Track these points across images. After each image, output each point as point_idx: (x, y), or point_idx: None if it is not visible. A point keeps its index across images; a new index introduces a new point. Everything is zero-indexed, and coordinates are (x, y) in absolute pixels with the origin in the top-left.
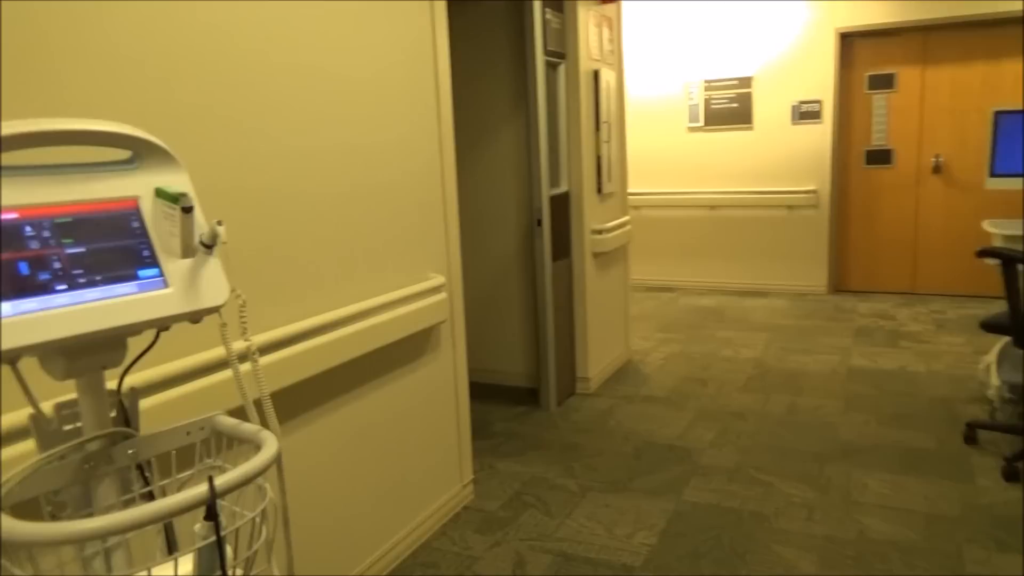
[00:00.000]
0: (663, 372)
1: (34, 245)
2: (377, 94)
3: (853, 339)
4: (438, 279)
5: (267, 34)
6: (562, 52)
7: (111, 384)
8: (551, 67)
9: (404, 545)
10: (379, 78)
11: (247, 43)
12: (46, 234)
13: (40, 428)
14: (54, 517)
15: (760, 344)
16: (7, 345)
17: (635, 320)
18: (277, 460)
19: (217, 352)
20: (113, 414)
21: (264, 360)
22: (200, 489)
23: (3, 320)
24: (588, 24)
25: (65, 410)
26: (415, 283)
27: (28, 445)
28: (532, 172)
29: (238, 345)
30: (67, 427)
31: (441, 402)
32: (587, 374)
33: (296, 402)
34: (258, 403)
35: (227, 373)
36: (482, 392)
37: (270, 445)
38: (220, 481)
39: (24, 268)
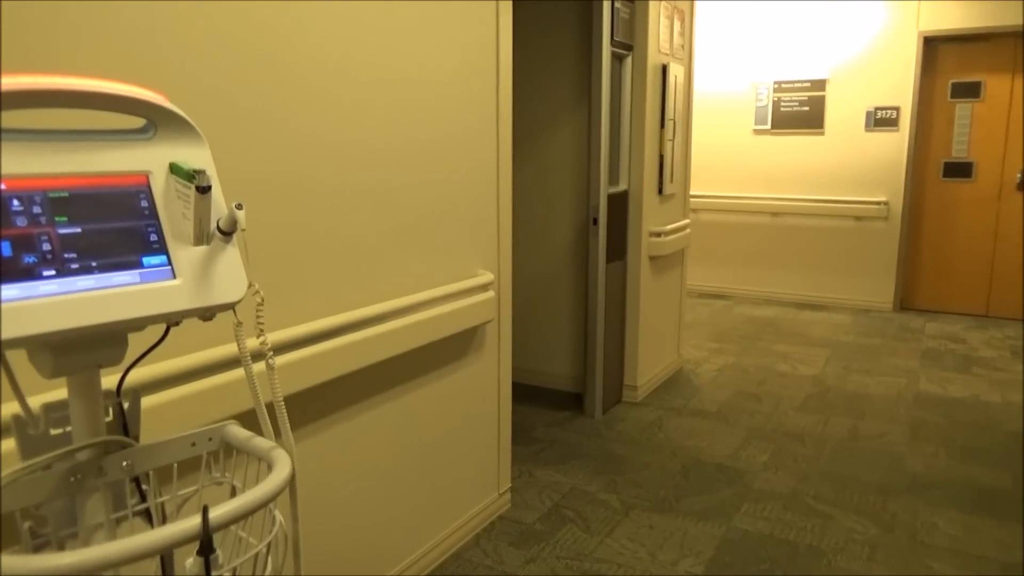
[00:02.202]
0: (715, 385)
1: (21, 222)
2: (434, 86)
3: (920, 361)
4: (487, 276)
5: (324, 24)
6: (630, 44)
7: (110, 384)
8: (617, 59)
9: (435, 554)
10: (437, 71)
11: (302, 32)
12: (36, 210)
13: (22, 432)
14: (33, 534)
15: (820, 361)
16: None
17: (687, 328)
18: (289, 484)
19: (229, 348)
20: (110, 418)
21: (295, 356)
22: (192, 522)
23: None
24: (659, 16)
25: (54, 412)
26: (462, 279)
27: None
28: (591, 168)
29: (252, 344)
30: (55, 431)
31: (482, 406)
32: (635, 382)
33: (330, 400)
34: (272, 410)
35: (240, 372)
36: (524, 394)
37: (282, 466)
38: (216, 513)
39: (6, 249)
